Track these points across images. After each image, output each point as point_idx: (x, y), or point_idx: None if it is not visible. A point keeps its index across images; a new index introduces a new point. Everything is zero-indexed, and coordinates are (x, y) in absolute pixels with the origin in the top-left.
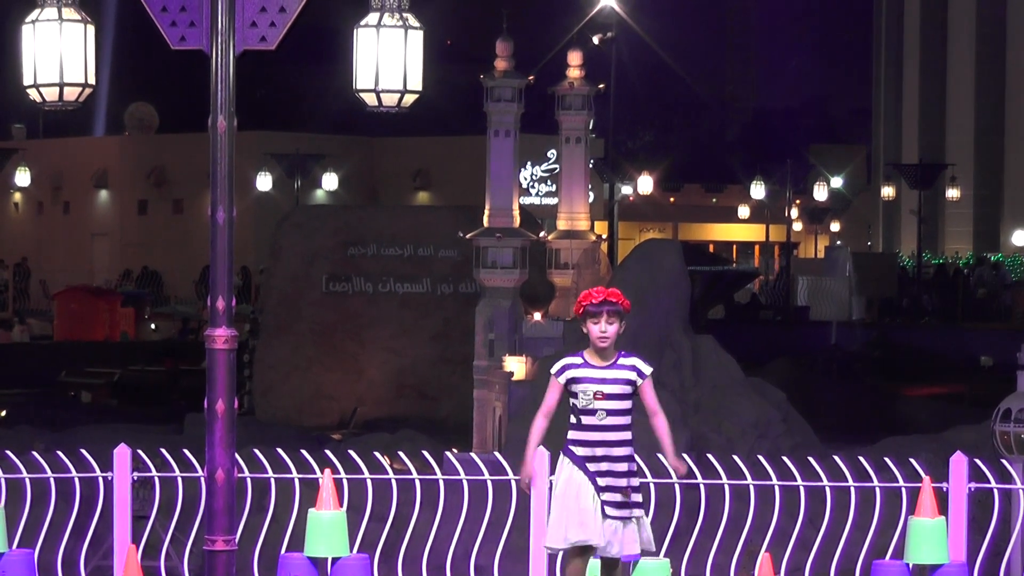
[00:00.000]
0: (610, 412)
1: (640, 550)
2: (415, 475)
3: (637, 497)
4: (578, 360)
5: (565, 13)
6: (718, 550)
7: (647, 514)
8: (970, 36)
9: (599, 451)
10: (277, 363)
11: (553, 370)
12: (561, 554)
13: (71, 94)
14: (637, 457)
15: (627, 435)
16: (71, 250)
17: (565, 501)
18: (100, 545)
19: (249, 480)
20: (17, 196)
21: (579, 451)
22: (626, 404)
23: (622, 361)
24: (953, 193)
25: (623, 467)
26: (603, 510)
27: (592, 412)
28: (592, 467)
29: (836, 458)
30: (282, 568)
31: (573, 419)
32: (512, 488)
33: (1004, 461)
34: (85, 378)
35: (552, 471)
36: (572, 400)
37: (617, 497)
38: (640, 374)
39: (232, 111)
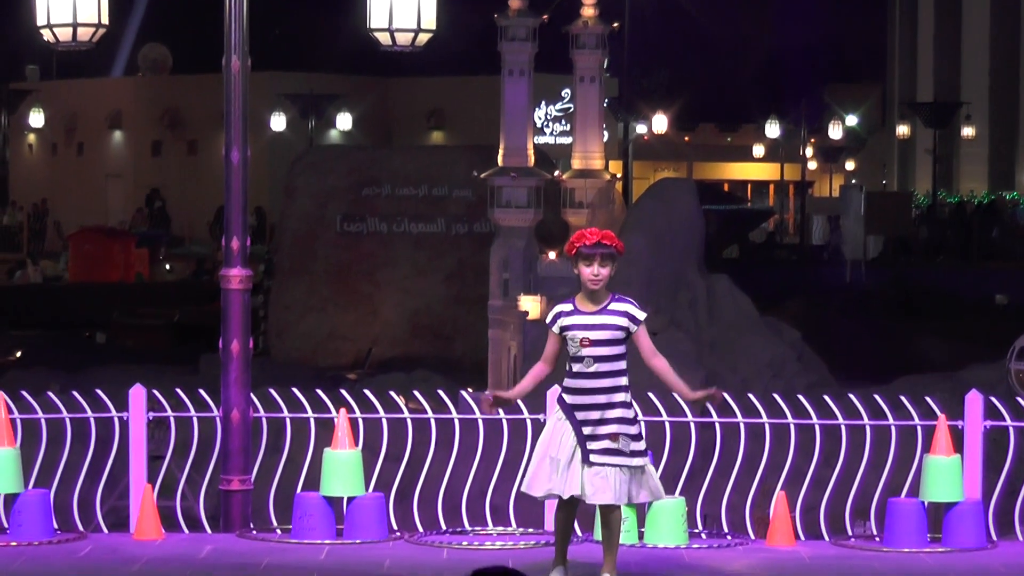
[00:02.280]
0: (599, 359)
1: (648, 499)
2: (430, 414)
3: (637, 446)
4: (568, 307)
5: None
6: (733, 489)
7: (662, 454)
8: None
9: (587, 399)
10: (292, 303)
11: (547, 319)
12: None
13: (84, 34)
14: (636, 407)
15: (619, 381)
16: (85, 191)
17: (545, 450)
18: (116, 485)
19: (264, 420)
20: (31, 138)
21: (568, 398)
22: (617, 350)
23: (613, 306)
24: (968, 132)
25: (615, 413)
26: (587, 457)
27: (579, 359)
28: (580, 415)
29: (851, 396)
30: (297, 507)
31: (567, 366)
32: (528, 427)
33: (1019, 399)
34: (140, 319)
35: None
36: (566, 347)
37: (604, 444)
38: (633, 320)
39: (246, 51)
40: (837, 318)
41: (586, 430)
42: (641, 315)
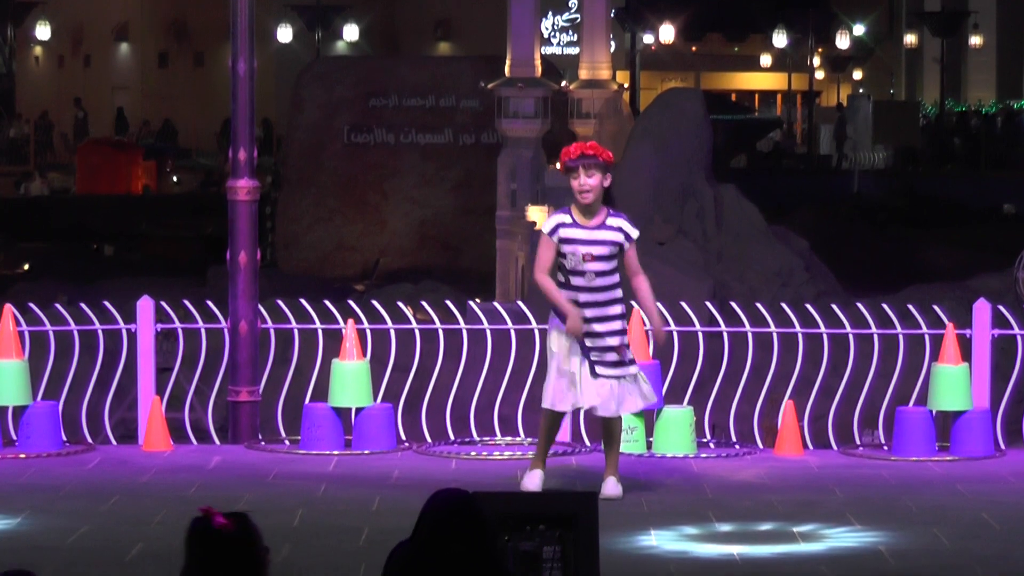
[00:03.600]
0: (599, 273)
1: (641, 404)
2: (438, 325)
3: (630, 354)
4: (567, 219)
5: None
6: (741, 398)
7: (670, 364)
8: None
9: (588, 312)
10: (299, 215)
11: (546, 229)
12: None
13: None
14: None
15: (616, 293)
16: (92, 104)
17: (558, 365)
18: (124, 397)
19: (272, 331)
20: (38, 50)
21: None
22: (613, 264)
23: (610, 221)
24: (976, 41)
25: (616, 325)
26: (593, 370)
27: (581, 274)
28: (582, 327)
29: (859, 305)
30: (306, 418)
31: (561, 278)
32: (536, 337)
33: None
34: (171, 231)
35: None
36: (560, 260)
37: (610, 356)
38: (627, 237)
39: None
40: (845, 227)
41: (588, 342)
42: (635, 233)
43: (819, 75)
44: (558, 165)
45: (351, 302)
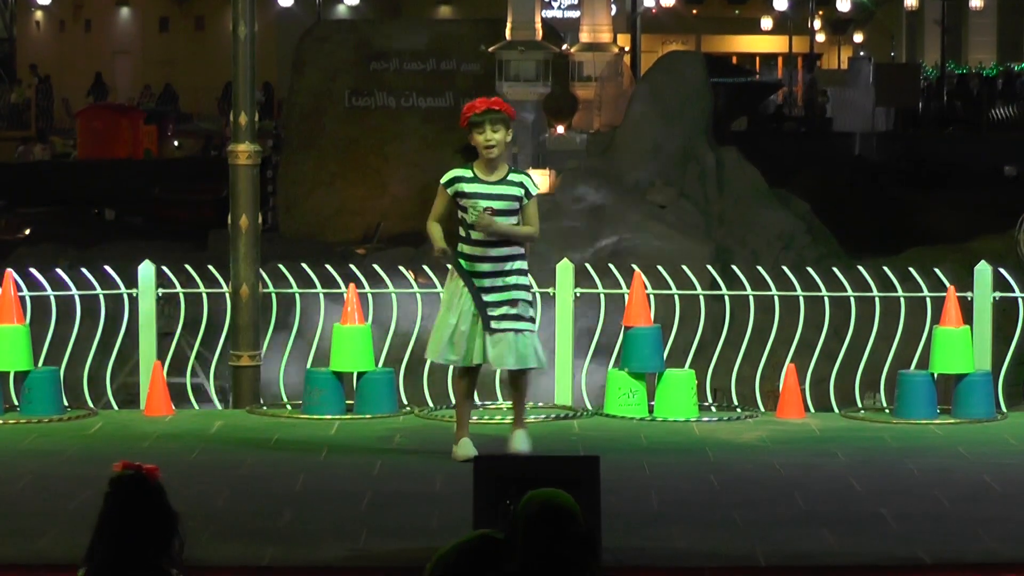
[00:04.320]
0: None
1: (534, 364)
2: (440, 288)
3: (532, 312)
4: (468, 173)
5: None
6: (743, 361)
7: (671, 328)
8: None
9: (486, 266)
10: (301, 178)
11: (443, 180)
12: (453, 368)
13: None
14: (530, 275)
15: (517, 250)
16: (93, 68)
17: (446, 318)
18: (126, 362)
19: (274, 295)
20: (38, 14)
21: (467, 265)
22: (514, 220)
23: (512, 176)
24: (976, 2)
25: (512, 280)
26: (488, 324)
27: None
28: (478, 282)
29: (860, 268)
30: (307, 383)
31: (462, 232)
32: (537, 299)
33: None
34: (184, 195)
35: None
36: (461, 214)
37: (505, 309)
38: (528, 193)
39: None
40: (846, 190)
41: (486, 297)
42: (534, 189)
43: (820, 38)
44: (461, 123)
45: (352, 266)
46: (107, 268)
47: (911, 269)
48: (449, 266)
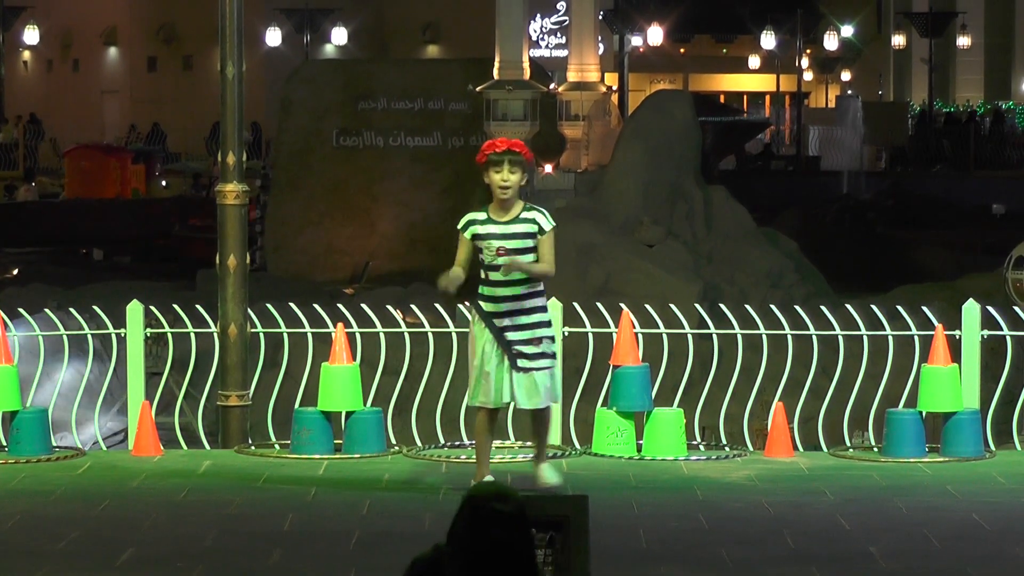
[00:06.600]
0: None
1: (551, 402)
2: (428, 328)
3: (553, 348)
4: (482, 216)
5: None
6: (731, 400)
7: (659, 367)
8: None
9: (505, 306)
10: (289, 218)
11: (459, 226)
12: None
13: None
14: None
15: (535, 286)
16: (81, 108)
17: (473, 361)
18: (114, 402)
19: (262, 335)
20: (26, 54)
21: (486, 307)
22: (531, 257)
23: (524, 215)
24: (964, 41)
25: (535, 318)
26: (516, 363)
27: (496, 268)
28: (499, 323)
29: (848, 307)
30: (296, 422)
31: (482, 275)
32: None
33: (1016, 308)
34: (200, 233)
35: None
36: (480, 256)
37: (528, 349)
38: (541, 229)
39: None
40: (834, 229)
41: (509, 335)
42: (548, 225)
43: (807, 76)
44: (478, 159)
45: (340, 306)
46: (95, 308)
47: (899, 307)
48: (466, 311)
